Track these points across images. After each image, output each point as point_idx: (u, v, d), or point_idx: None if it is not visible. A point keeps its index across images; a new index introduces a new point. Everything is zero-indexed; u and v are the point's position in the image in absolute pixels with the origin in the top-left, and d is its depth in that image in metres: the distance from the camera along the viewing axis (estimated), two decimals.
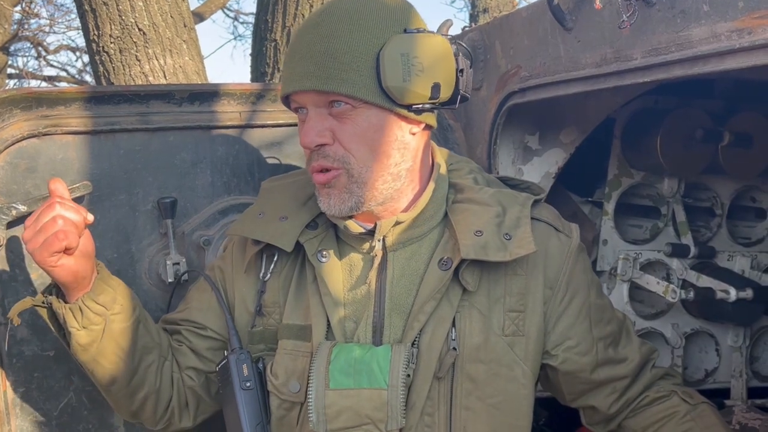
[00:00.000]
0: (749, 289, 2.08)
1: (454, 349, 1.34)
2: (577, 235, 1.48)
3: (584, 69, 1.51)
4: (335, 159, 1.34)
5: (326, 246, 1.42)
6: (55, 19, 11.82)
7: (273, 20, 4.33)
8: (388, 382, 1.30)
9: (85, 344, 1.42)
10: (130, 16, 3.90)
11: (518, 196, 1.45)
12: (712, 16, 1.17)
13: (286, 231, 1.42)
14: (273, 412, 1.42)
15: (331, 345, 1.35)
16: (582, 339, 1.44)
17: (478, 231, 1.35)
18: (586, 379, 1.47)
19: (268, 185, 1.56)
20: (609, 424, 1.54)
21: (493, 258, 1.34)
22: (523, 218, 1.40)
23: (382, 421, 1.30)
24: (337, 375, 1.32)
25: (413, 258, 1.40)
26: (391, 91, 1.30)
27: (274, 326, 1.45)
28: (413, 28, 1.34)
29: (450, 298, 1.36)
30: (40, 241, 1.33)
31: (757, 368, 2.39)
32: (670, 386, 1.53)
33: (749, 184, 2.32)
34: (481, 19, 7.26)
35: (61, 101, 1.75)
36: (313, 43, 1.31)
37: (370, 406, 1.30)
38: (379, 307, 1.37)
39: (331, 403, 1.31)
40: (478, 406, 1.36)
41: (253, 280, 1.49)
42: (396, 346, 1.33)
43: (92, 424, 1.78)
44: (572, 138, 2.00)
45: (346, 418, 1.31)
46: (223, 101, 1.88)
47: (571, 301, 1.44)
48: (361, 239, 1.41)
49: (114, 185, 1.80)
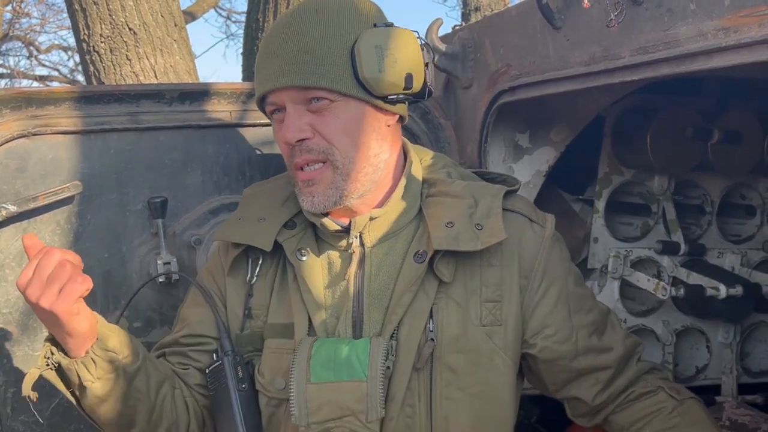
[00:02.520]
0: (739, 286, 2.09)
1: (432, 340, 1.36)
2: (551, 225, 1.50)
3: (573, 67, 1.52)
4: (319, 152, 1.36)
5: (305, 244, 1.44)
6: (46, 19, 11.80)
7: (264, 19, 4.34)
8: (368, 374, 1.32)
9: (102, 395, 1.35)
10: (120, 16, 3.89)
11: (491, 187, 1.48)
12: (699, 14, 1.18)
13: (263, 231, 1.44)
14: (262, 410, 1.44)
15: (311, 340, 1.37)
16: (560, 327, 1.46)
17: (450, 222, 1.38)
18: (567, 367, 1.48)
19: (249, 192, 1.58)
20: (594, 418, 1.54)
21: (464, 247, 1.36)
22: (494, 208, 1.42)
23: (363, 413, 1.33)
24: (318, 369, 1.34)
25: (390, 253, 1.42)
26: (368, 82, 1.33)
27: (261, 327, 1.46)
28: (381, 23, 1.38)
29: (426, 290, 1.38)
30: (56, 290, 1.24)
31: (747, 364, 2.40)
32: (657, 381, 1.53)
33: (739, 181, 2.33)
34: (473, 18, 7.26)
35: (51, 101, 1.75)
36: (286, 42, 1.34)
37: (350, 398, 1.33)
38: (358, 302, 1.39)
39: (313, 396, 1.33)
40: (459, 396, 1.38)
41: (240, 284, 1.50)
42: (374, 339, 1.35)
43: (84, 424, 1.78)
44: (563, 136, 2.01)
45: (328, 411, 1.33)
46: (213, 100, 1.88)
47: (547, 290, 1.45)
48: (339, 236, 1.44)
49: (104, 185, 1.80)
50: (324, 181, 1.37)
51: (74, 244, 1.78)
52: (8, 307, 1.74)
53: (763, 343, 2.43)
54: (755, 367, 2.42)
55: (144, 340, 1.85)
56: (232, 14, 13.56)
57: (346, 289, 1.41)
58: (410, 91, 1.38)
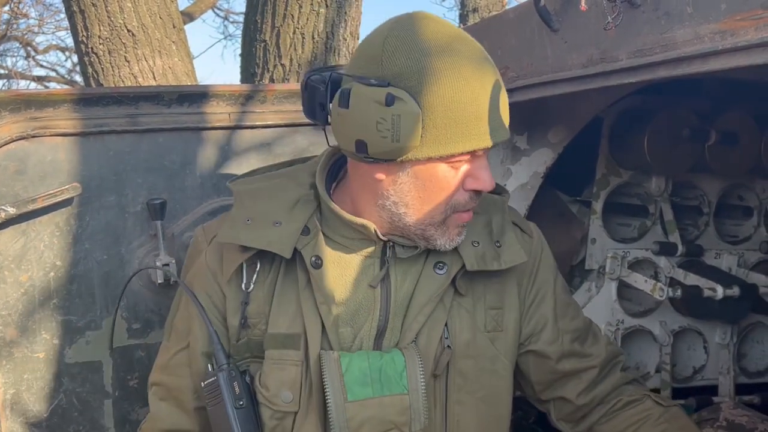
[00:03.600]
0: (736, 287, 2.10)
1: (449, 348, 1.37)
2: (538, 233, 1.53)
3: (571, 70, 1.52)
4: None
5: (319, 251, 1.39)
6: (44, 19, 11.78)
7: (262, 21, 4.33)
8: (408, 387, 1.32)
9: None
10: (119, 17, 3.89)
11: (495, 200, 1.49)
12: (696, 17, 1.19)
13: (281, 236, 1.37)
14: (265, 422, 1.39)
15: (336, 356, 1.33)
16: (549, 329, 1.49)
17: (475, 241, 1.40)
18: (552, 368, 1.50)
19: (242, 188, 1.47)
20: (578, 424, 1.55)
21: (491, 267, 1.39)
22: (506, 224, 1.46)
23: (406, 424, 1.33)
24: (354, 386, 1.31)
25: (410, 261, 1.40)
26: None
27: (259, 336, 1.40)
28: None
29: (444, 300, 1.39)
30: None
31: (744, 365, 2.41)
32: (642, 390, 1.56)
33: (736, 182, 2.34)
34: (471, 19, 7.26)
35: (50, 103, 1.75)
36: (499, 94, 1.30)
37: (393, 412, 1.32)
38: (384, 312, 1.38)
39: (353, 415, 1.31)
40: (468, 400, 1.40)
41: (235, 291, 1.42)
42: (407, 351, 1.35)
43: (83, 425, 1.78)
44: (560, 138, 2.01)
45: (370, 427, 1.32)
46: (212, 102, 1.88)
47: (537, 295, 1.49)
48: (359, 242, 1.39)
49: (103, 187, 1.80)
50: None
51: (73, 246, 1.78)
52: (7, 308, 1.74)
53: (760, 343, 2.44)
54: (752, 367, 2.43)
55: (143, 342, 1.86)
56: (230, 15, 13.54)
57: (371, 298, 1.38)
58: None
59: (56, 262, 1.76)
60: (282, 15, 4.28)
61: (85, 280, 1.79)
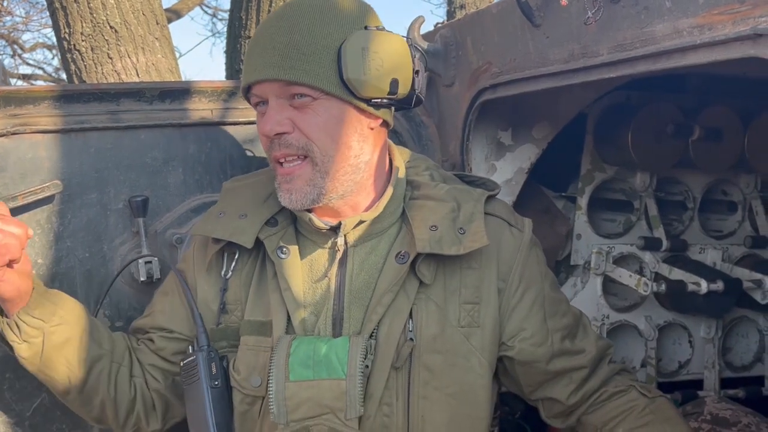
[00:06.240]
0: (720, 282, 2.11)
1: (411, 340, 1.38)
2: (529, 230, 1.52)
3: (553, 65, 1.52)
4: (298, 147, 1.36)
5: (286, 242, 1.45)
6: (30, 17, 11.71)
7: (247, 17, 4.32)
8: (347, 372, 1.33)
9: (28, 357, 1.44)
10: (101, 14, 3.87)
11: (473, 191, 1.49)
12: (674, 12, 1.19)
13: (245, 228, 1.44)
14: (236, 406, 1.44)
15: (290, 338, 1.38)
16: (537, 330, 1.48)
17: (434, 226, 1.39)
18: (543, 369, 1.49)
19: (229, 185, 1.57)
20: (568, 418, 1.55)
21: (448, 252, 1.38)
22: (476, 213, 1.44)
23: (341, 410, 1.34)
24: (297, 367, 1.35)
25: (372, 253, 1.43)
26: (352, 83, 1.33)
27: (236, 323, 1.47)
28: (372, 26, 1.37)
29: (407, 290, 1.39)
30: None
31: (729, 359, 2.42)
32: (628, 381, 1.56)
33: (720, 177, 2.35)
34: (458, 15, 7.27)
35: (30, 100, 1.74)
36: (275, 35, 1.34)
37: (329, 396, 1.34)
38: (338, 301, 1.40)
39: (292, 394, 1.34)
40: (436, 395, 1.40)
41: (215, 278, 1.50)
42: (354, 338, 1.36)
43: (66, 424, 1.77)
44: (545, 133, 2.01)
45: (307, 409, 1.35)
46: (194, 99, 1.87)
47: (524, 293, 1.47)
48: (324, 235, 1.44)
49: (85, 184, 1.79)
50: (302, 178, 1.37)
51: (55, 244, 1.77)
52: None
53: (744, 338, 2.45)
54: (737, 361, 2.44)
55: None
56: (218, 12, 13.51)
57: (327, 288, 1.42)
58: (395, 97, 1.38)
59: (37, 260, 1.75)
60: (267, 11, 4.28)
61: (67, 278, 1.78)
